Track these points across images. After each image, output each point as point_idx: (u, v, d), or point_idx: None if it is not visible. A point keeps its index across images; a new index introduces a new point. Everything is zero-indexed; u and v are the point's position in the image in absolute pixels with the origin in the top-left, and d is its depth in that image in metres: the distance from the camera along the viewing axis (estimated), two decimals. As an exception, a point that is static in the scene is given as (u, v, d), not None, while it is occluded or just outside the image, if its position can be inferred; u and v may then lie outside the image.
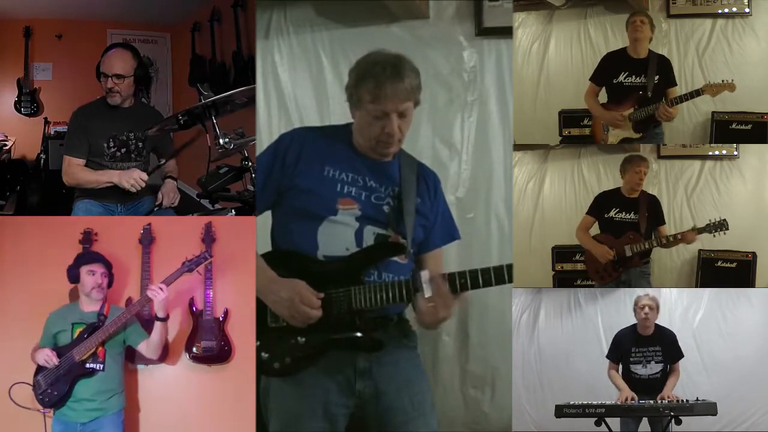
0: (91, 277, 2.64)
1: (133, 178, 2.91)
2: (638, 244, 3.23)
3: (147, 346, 2.66)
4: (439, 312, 1.91)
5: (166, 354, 2.84)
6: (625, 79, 3.27)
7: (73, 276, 2.68)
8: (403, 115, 1.97)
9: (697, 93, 3.17)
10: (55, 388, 2.54)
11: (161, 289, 2.57)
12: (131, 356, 2.78)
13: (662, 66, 3.24)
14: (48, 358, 2.55)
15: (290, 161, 2.04)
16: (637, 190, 3.32)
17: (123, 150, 3.02)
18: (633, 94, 3.23)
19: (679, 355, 3.09)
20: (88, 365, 2.56)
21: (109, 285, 2.72)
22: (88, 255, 2.74)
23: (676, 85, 3.25)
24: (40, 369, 2.59)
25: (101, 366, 2.58)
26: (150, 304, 2.69)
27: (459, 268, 1.93)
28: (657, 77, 3.21)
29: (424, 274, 1.91)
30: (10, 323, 2.87)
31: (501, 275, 1.91)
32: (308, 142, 2.08)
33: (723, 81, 3.17)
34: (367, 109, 1.96)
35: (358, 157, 2.07)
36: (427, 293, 1.90)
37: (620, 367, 3.13)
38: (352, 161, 2.06)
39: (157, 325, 2.64)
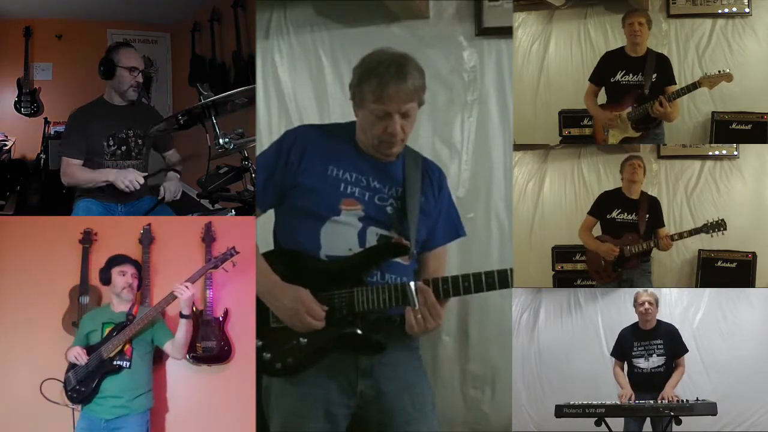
0: (122, 277, 2.69)
1: (128, 179, 2.92)
2: (637, 245, 3.23)
3: (172, 346, 2.67)
4: (428, 323, 1.91)
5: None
6: (622, 77, 3.26)
7: (105, 278, 2.73)
8: (406, 115, 1.96)
9: (694, 86, 3.16)
10: (83, 385, 2.58)
11: (187, 287, 2.59)
12: (160, 358, 2.80)
13: (660, 64, 3.23)
14: (78, 355, 2.60)
15: (294, 159, 2.03)
16: (635, 182, 3.31)
17: (123, 148, 3.03)
18: (630, 92, 3.23)
19: (683, 349, 3.09)
20: (115, 362, 2.59)
21: (138, 287, 2.75)
22: (119, 257, 2.77)
23: (675, 83, 3.24)
24: (71, 366, 2.63)
25: (128, 363, 2.61)
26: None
27: (459, 267, 1.94)
28: (655, 75, 3.21)
29: (411, 286, 1.90)
30: (10, 323, 2.87)
31: (504, 278, 1.91)
32: (312, 140, 2.07)
33: (720, 71, 3.16)
34: (369, 109, 1.96)
35: (362, 157, 2.06)
36: (415, 305, 1.89)
37: (625, 365, 3.13)
38: (356, 161, 2.05)
39: (182, 323, 2.64)
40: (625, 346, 3.14)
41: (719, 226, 3.19)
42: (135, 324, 2.60)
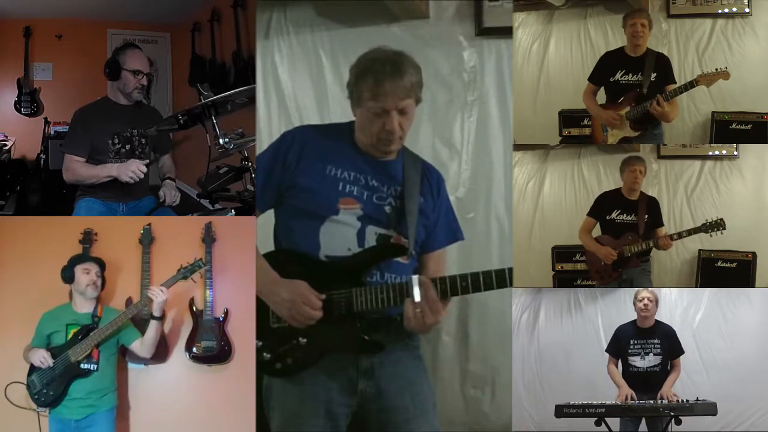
0: (86, 275, 2.67)
1: (131, 171, 2.91)
2: (637, 245, 3.24)
3: (141, 345, 2.68)
4: (427, 318, 1.90)
5: (165, 353, 2.85)
6: (621, 77, 3.26)
7: (68, 277, 2.70)
8: (404, 112, 1.97)
9: (691, 84, 3.15)
10: (50, 389, 2.57)
11: (162, 291, 2.60)
12: (124, 355, 2.80)
13: (660, 63, 3.23)
14: (43, 359, 2.58)
15: (291, 160, 2.04)
16: (635, 190, 3.32)
17: (127, 146, 3.04)
18: (629, 91, 3.23)
19: (679, 350, 3.09)
20: (83, 366, 2.59)
21: (102, 287, 2.74)
22: (81, 255, 2.78)
23: (675, 82, 3.24)
24: (33, 369, 2.62)
25: (95, 366, 2.61)
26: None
27: (459, 268, 1.94)
28: (654, 75, 3.20)
29: (414, 279, 1.90)
30: (10, 323, 2.87)
31: (502, 278, 1.90)
32: (310, 140, 2.08)
33: (717, 69, 3.16)
34: (367, 107, 1.96)
35: (360, 156, 2.07)
36: (416, 298, 1.89)
37: (620, 363, 3.14)
38: (354, 160, 2.06)
39: (153, 323, 2.65)
40: (621, 344, 3.14)
41: (718, 225, 3.19)
42: (105, 328, 2.60)
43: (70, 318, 2.67)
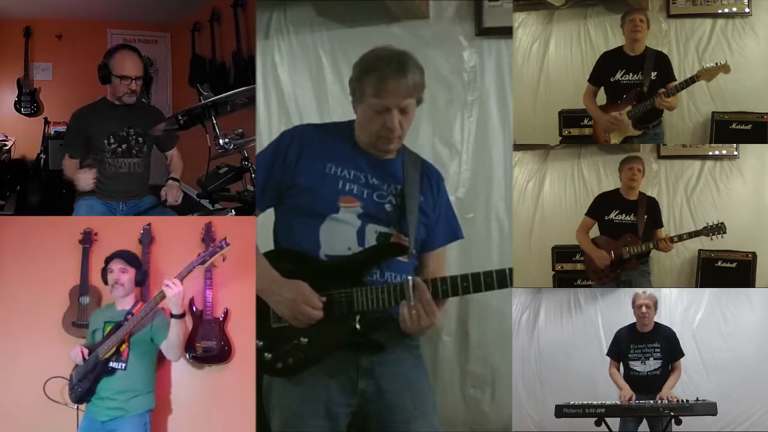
0: (109, 275, 2.66)
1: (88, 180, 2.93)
2: (635, 246, 3.23)
3: (166, 347, 2.62)
4: (422, 320, 1.90)
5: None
6: (622, 77, 3.26)
7: (103, 278, 2.71)
8: (405, 111, 1.97)
9: (692, 80, 3.13)
10: (80, 384, 2.57)
11: (174, 283, 2.49)
12: (162, 358, 2.75)
13: (660, 62, 3.23)
14: (77, 353, 2.58)
15: (291, 158, 2.04)
16: (632, 188, 3.31)
17: (123, 146, 3.04)
18: (630, 91, 3.23)
19: (679, 353, 3.09)
20: (110, 364, 2.57)
21: (140, 282, 2.71)
22: (111, 254, 2.71)
23: (675, 80, 3.23)
24: (76, 365, 2.62)
25: (123, 365, 2.58)
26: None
27: (459, 267, 1.94)
28: (655, 73, 3.20)
29: (408, 281, 1.90)
30: (10, 323, 2.87)
31: (503, 278, 1.90)
32: (310, 139, 2.08)
33: (717, 63, 3.14)
34: (369, 104, 1.97)
35: (360, 155, 2.07)
36: (411, 300, 1.89)
37: (621, 366, 3.13)
38: (354, 158, 2.06)
39: (173, 322, 2.57)
40: (620, 347, 3.14)
41: (719, 229, 3.18)
42: (127, 325, 2.56)
43: (108, 316, 2.66)
